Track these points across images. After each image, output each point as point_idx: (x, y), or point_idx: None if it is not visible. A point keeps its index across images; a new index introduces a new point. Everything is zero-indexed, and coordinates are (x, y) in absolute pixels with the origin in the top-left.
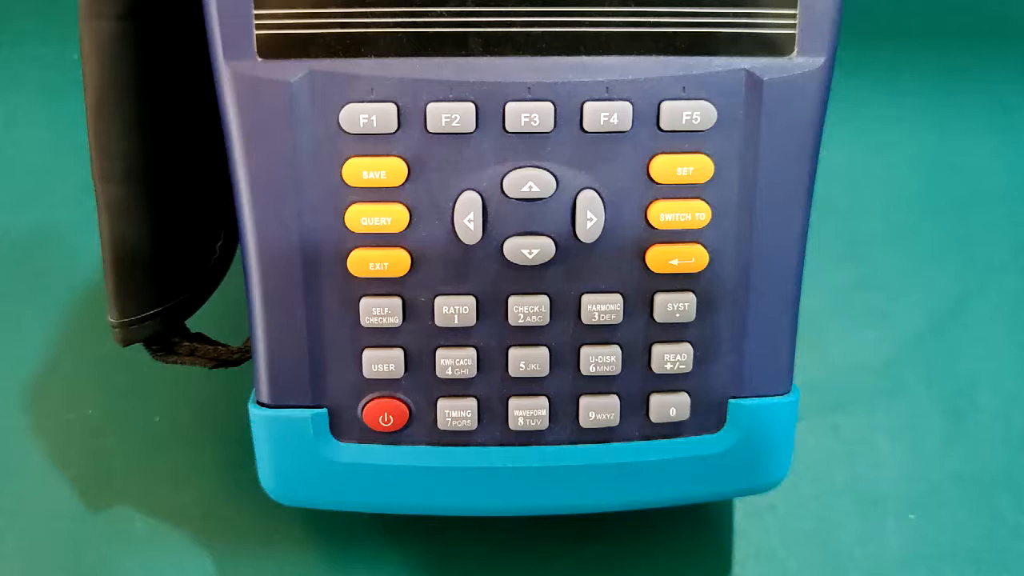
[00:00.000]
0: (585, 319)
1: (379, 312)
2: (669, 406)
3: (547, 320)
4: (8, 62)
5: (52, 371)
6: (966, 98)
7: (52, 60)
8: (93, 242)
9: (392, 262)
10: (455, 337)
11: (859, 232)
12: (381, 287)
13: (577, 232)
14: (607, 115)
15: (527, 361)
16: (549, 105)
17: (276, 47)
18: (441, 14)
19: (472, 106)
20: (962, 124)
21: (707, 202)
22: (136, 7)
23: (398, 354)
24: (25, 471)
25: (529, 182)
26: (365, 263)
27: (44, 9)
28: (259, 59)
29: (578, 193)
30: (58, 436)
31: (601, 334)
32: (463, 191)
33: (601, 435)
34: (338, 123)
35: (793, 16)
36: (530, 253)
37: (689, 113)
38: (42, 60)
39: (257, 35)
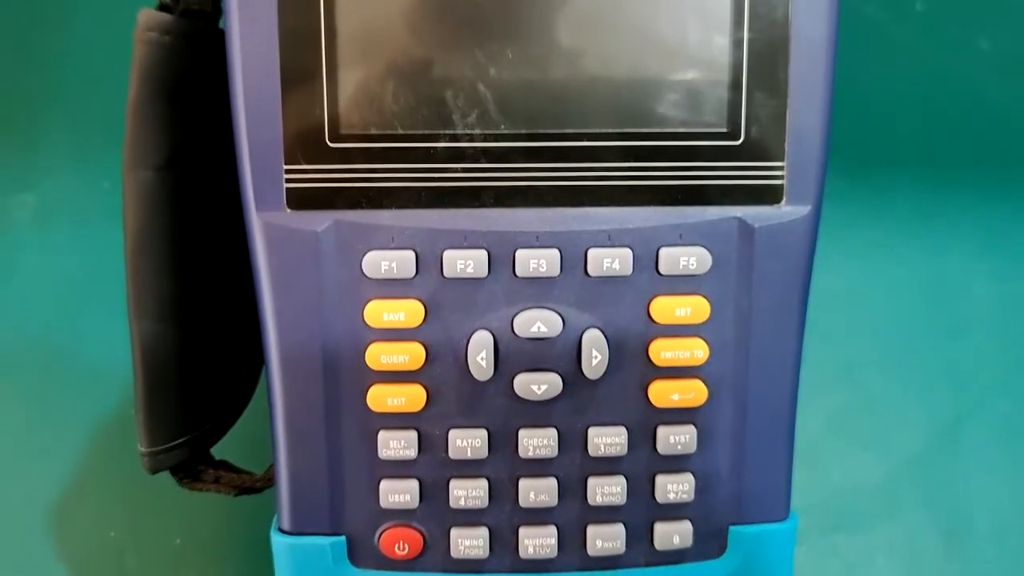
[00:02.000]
0: (591, 451)
1: (396, 445)
2: (672, 534)
3: (555, 452)
4: (42, 192)
5: (75, 492)
6: (957, 222)
7: (84, 191)
8: (118, 366)
9: (409, 397)
10: (468, 469)
11: (854, 355)
12: (398, 421)
13: (583, 369)
14: (609, 261)
15: (536, 491)
16: (555, 252)
17: (304, 199)
18: (456, 170)
19: (485, 253)
20: (953, 248)
21: (705, 340)
22: (173, 159)
23: (413, 485)
24: None
25: (537, 322)
26: (383, 398)
27: (76, 142)
28: (288, 210)
29: (583, 332)
30: (80, 556)
31: (607, 465)
32: (476, 331)
33: (608, 562)
34: (361, 269)
35: (781, 168)
36: (539, 389)
37: (686, 258)
38: (75, 191)
39: (287, 188)
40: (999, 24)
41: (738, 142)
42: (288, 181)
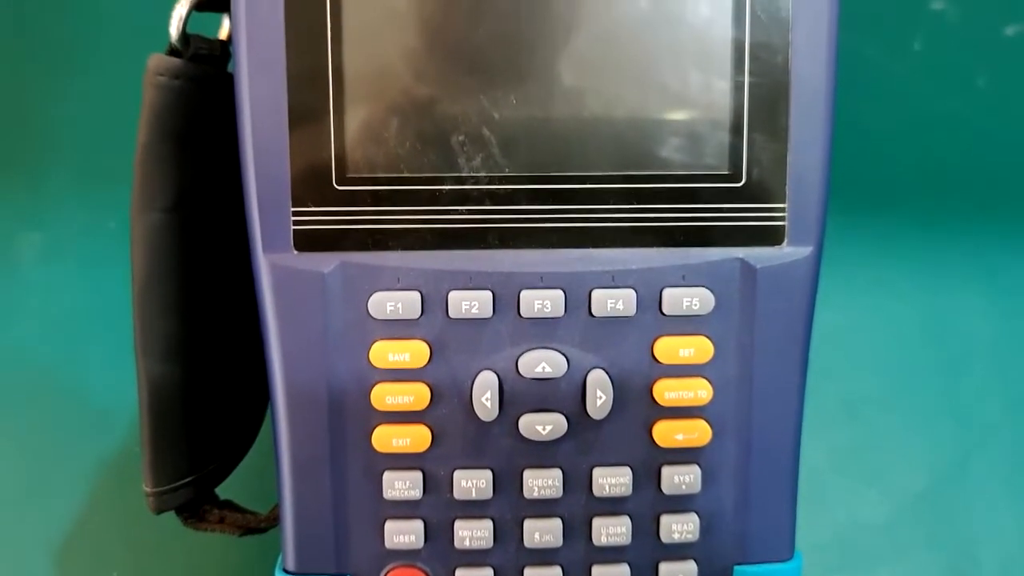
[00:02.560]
0: (596, 491)
1: (401, 485)
2: (677, 574)
3: (560, 493)
4: (49, 232)
5: (79, 531)
6: (957, 258)
7: (90, 230)
8: (122, 405)
9: (414, 438)
10: (472, 509)
11: (856, 393)
12: (403, 462)
13: (587, 409)
14: (613, 302)
15: (541, 532)
16: (560, 293)
17: (311, 241)
18: (461, 212)
19: (489, 294)
20: (954, 284)
21: (708, 380)
22: (181, 201)
23: (418, 525)
24: None
25: (542, 363)
26: (389, 439)
27: (83, 181)
28: (295, 251)
29: (588, 373)
30: None
31: (612, 505)
32: (481, 371)
33: None
34: (367, 309)
35: (783, 210)
36: (544, 429)
37: (689, 299)
38: (81, 230)
39: (294, 230)
40: (996, 63)
41: (740, 184)
42: (295, 223)
